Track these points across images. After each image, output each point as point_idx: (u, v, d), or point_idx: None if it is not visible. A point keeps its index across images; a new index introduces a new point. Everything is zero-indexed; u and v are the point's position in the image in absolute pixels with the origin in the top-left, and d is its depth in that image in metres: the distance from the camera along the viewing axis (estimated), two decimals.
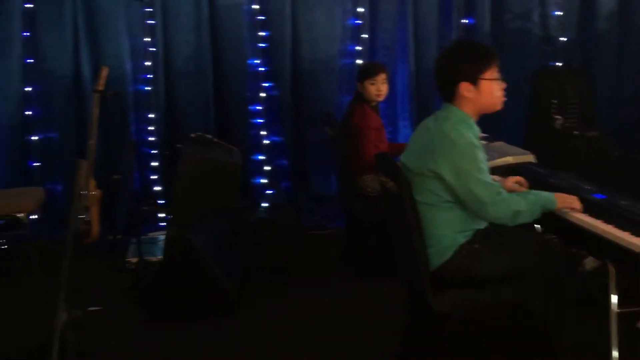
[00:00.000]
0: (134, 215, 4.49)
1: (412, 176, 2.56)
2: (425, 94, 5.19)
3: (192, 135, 4.35)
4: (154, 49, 4.94)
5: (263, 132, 5.14)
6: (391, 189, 2.66)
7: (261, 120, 5.14)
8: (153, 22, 4.91)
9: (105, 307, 3.50)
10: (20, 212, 4.02)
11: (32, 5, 4.79)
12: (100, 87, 4.09)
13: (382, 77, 4.06)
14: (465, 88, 2.53)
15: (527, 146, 3.90)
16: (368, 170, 3.90)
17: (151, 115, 4.98)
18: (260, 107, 5.13)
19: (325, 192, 5.20)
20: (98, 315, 3.36)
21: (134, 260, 4.16)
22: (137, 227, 4.14)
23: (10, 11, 4.73)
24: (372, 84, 4.04)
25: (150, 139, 5.00)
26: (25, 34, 4.80)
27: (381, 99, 4.12)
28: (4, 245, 4.60)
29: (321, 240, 4.65)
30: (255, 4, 5.01)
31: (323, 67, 5.10)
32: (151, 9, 4.89)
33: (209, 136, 4.39)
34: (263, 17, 5.04)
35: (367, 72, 4.09)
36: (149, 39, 4.92)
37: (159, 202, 4.98)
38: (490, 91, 2.56)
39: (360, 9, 5.08)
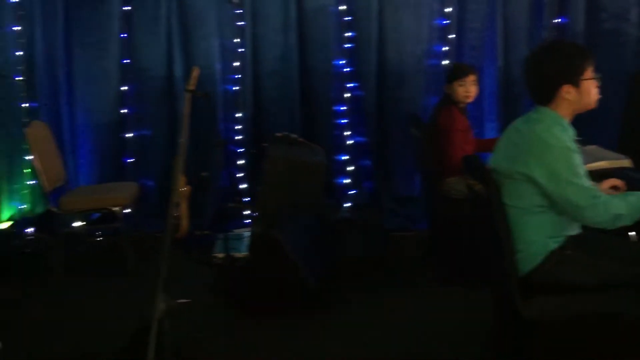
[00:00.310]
0: (221, 211, 4.60)
1: (502, 179, 2.51)
2: (514, 95, 5.06)
3: (278, 134, 4.42)
4: (243, 50, 5.06)
5: (347, 132, 5.16)
6: (479, 192, 2.62)
7: (345, 121, 5.16)
8: (242, 23, 5.03)
9: (192, 300, 3.61)
10: (115, 206, 4.23)
11: (129, 8, 5.01)
12: (192, 87, 4.23)
13: (471, 78, 4.00)
14: (566, 90, 2.46)
15: (621, 150, 3.74)
16: (454, 172, 3.85)
17: (238, 115, 5.11)
18: (345, 108, 5.15)
19: (408, 193, 5.17)
20: (186, 307, 3.47)
21: (221, 255, 4.27)
22: (223, 223, 4.24)
23: (109, 13, 4.97)
24: (461, 85, 3.99)
25: (237, 137, 5.13)
26: (122, 35, 5.03)
27: (470, 100, 4.05)
28: (99, 237, 4.85)
29: (404, 242, 4.62)
30: (342, 5, 5.04)
31: (409, 67, 5.07)
32: (241, 11, 5.01)
33: (294, 135, 4.45)
34: (349, 18, 5.06)
35: (456, 73, 4.03)
36: (238, 40, 5.05)
37: (244, 199, 5.10)
38: (589, 91, 2.49)
39: (448, 9, 5.02)
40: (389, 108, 5.15)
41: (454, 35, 5.05)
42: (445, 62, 5.01)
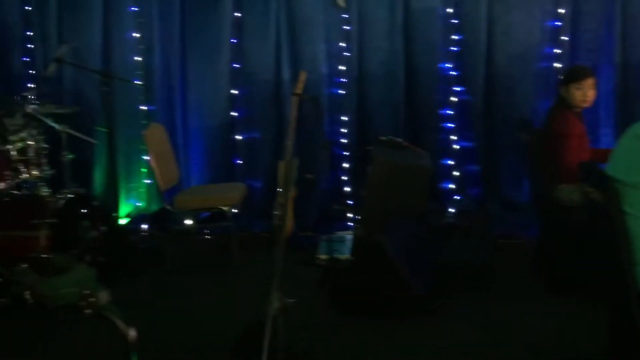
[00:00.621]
0: (325, 213, 4.65)
1: (620, 187, 2.39)
2: (631, 100, 4.80)
3: (383, 137, 4.42)
4: (348, 54, 5.10)
5: (453, 137, 5.08)
6: (596, 200, 2.50)
7: (451, 125, 5.08)
8: (349, 27, 5.08)
9: (296, 300, 3.68)
10: (224, 206, 4.38)
11: (239, 15, 5.18)
12: (299, 91, 4.32)
13: (589, 81, 3.82)
14: None
15: None
16: (567, 179, 3.69)
17: (344, 118, 5.15)
18: (451, 112, 5.07)
19: (517, 200, 5.01)
20: (291, 307, 3.54)
21: (324, 257, 4.32)
22: (327, 225, 4.28)
23: (221, 20, 5.16)
24: (578, 88, 3.82)
25: (342, 140, 5.17)
26: (233, 40, 5.20)
27: (587, 105, 3.88)
28: (208, 236, 5.05)
29: (512, 250, 4.50)
30: (450, 8, 4.97)
31: (518, 70, 4.92)
32: (347, 15, 5.06)
33: (399, 139, 4.43)
34: (457, 21, 4.99)
35: (573, 76, 3.87)
36: (344, 44, 5.10)
37: (349, 202, 5.14)
38: None
39: (561, 10, 4.83)
40: (497, 112, 5.03)
41: (567, 38, 4.85)
42: (557, 64, 4.83)
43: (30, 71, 5.20)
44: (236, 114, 5.27)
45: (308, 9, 5.10)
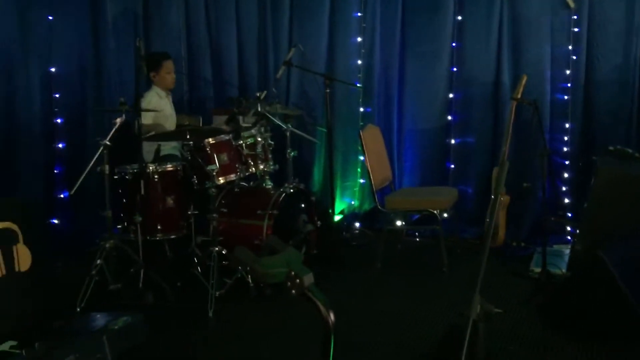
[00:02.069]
0: (541, 224, 4.44)
1: None
2: None
3: (610, 148, 4.11)
4: (575, 57, 4.81)
5: None
6: None
7: None
8: (577, 29, 4.79)
9: (504, 311, 3.56)
10: (435, 209, 4.37)
11: (460, 18, 5.13)
12: (518, 95, 4.17)
13: None
14: None
15: None
16: None
17: (567, 125, 4.87)
18: None
19: None
20: (498, 317, 3.43)
21: (537, 270, 4.12)
22: (543, 237, 4.08)
23: (443, 23, 5.16)
24: None
25: (564, 149, 4.89)
26: (453, 44, 5.17)
27: None
28: (417, 238, 5.08)
29: None
30: None
31: None
32: (576, 16, 4.77)
33: (630, 150, 4.08)
34: None
35: None
36: (572, 47, 4.82)
37: (567, 214, 4.84)
38: None
39: None
40: None
41: None
42: None
43: (264, 73, 5.65)
44: (451, 118, 5.24)
45: (534, 10, 4.90)
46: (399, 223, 4.84)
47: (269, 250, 1.88)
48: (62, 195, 4.96)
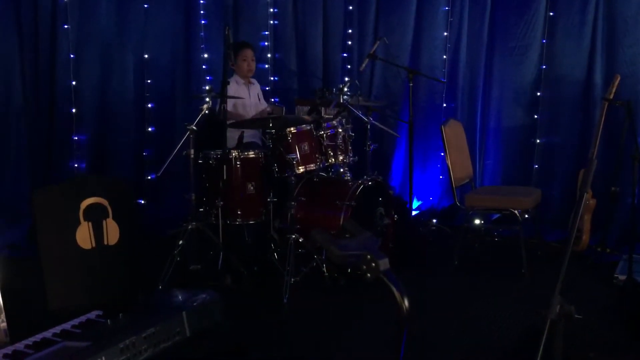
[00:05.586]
0: (628, 230, 4.25)
1: None
2: None
3: None
4: None
5: None
6: None
7: None
8: None
9: (585, 317, 3.44)
10: (516, 209, 4.26)
11: (552, 14, 4.97)
12: (610, 96, 4.01)
13: None
14: None
15: None
16: None
17: None
18: None
19: None
20: (579, 323, 3.32)
21: (622, 277, 3.96)
22: (630, 243, 3.92)
23: (533, 20, 5.03)
24: None
25: None
26: (543, 40, 5.02)
27: None
28: (497, 238, 4.97)
29: None
30: None
31: None
32: None
33: None
34: None
35: None
36: None
37: None
38: None
39: None
40: None
41: None
42: None
43: (348, 66, 5.67)
44: (537, 117, 5.09)
45: (633, 7, 4.68)
46: (477, 222, 4.74)
47: (346, 233, 1.90)
48: (149, 177, 5.17)
